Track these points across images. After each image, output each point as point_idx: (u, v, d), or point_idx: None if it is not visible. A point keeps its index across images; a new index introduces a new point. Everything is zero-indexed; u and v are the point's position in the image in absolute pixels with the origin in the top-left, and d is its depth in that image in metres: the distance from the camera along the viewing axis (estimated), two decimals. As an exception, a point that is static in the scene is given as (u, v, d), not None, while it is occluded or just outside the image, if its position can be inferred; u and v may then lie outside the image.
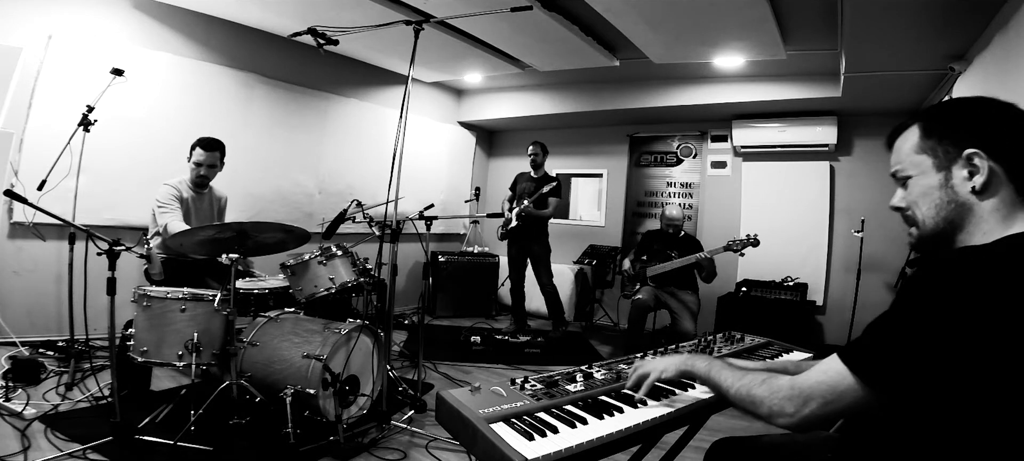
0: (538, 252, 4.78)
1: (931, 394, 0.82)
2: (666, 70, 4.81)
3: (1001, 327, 0.76)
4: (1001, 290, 0.78)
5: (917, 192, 0.96)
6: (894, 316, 0.85)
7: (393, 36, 3.90)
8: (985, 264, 0.82)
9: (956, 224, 0.92)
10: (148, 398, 2.65)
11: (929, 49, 3.33)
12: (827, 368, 0.92)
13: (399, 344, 4.25)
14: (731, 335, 1.86)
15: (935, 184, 0.93)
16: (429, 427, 2.65)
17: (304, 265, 2.83)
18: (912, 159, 0.97)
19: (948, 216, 0.93)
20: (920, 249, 1.00)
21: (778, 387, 0.96)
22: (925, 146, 0.95)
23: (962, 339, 0.78)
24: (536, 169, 4.86)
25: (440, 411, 1.14)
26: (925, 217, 0.95)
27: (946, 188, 0.92)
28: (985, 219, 0.89)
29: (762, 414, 0.97)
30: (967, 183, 0.90)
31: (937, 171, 0.93)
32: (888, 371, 0.84)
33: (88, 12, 3.59)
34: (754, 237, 3.90)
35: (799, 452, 1.22)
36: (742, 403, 1.02)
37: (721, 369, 1.10)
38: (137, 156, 3.77)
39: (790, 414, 0.93)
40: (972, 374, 0.78)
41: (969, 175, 0.90)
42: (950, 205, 0.92)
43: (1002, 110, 0.92)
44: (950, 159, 0.92)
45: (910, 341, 0.82)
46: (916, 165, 0.96)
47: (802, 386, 0.93)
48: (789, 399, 0.93)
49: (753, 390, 1.00)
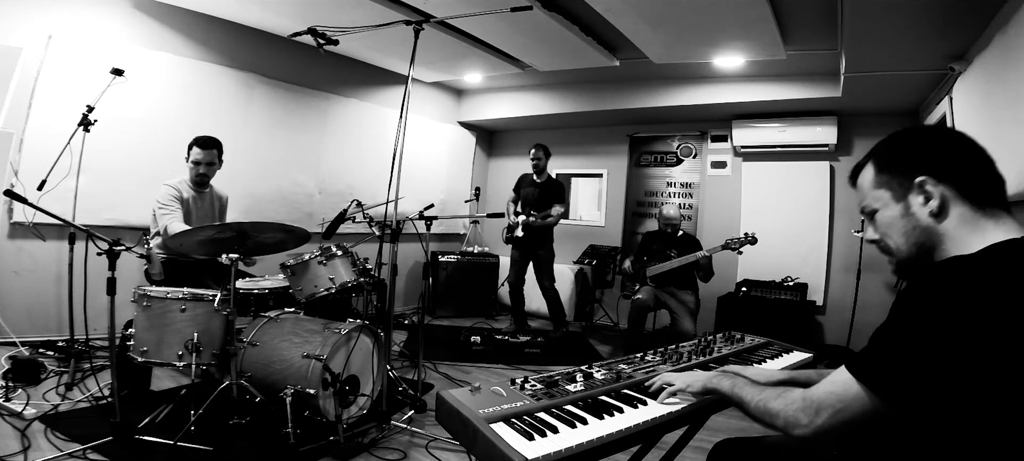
0: (542, 256, 4.76)
1: (937, 399, 0.84)
2: (666, 70, 4.81)
3: (995, 330, 0.78)
4: (992, 294, 0.81)
5: (885, 223, 1.02)
6: (895, 325, 0.88)
7: (393, 36, 3.90)
8: (975, 271, 0.86)
9: (927, 246, 0.97)
10: (148, 398, 2.65)
11: (929, 49, 3.33)
12: (835, 379, 0.95)
13: (399, 344, 4.25)
14: (731, 335, 1.87)
15: (897, 214, 0.99)
16: (429, 427, 2.65)
17: (304, 265, 2.83)
18: (873, 194, 1.03)
19: (917, 240, 0.98)
20: (901, 273, 1.05)
21: (792, 400, 0.99)
22: (881, 180, 1.01)
23: (961, 343, 0.80)
24: (539, 173, 4.82)
25: (440, 411, 1.14)
26: (898, 245, 1.01)
27: (908, 216, 0.98)
28: (952, 236, 0.94)
29: (779, 426, 1.01)
30: (924, 208, 0.95)
31: (896, 202, 0.99)
32: (894, 379, 0.87)
33: (88, 12, 3.59)
34: (752, 235, 3.90)
35: (802, 452, 1.23)
36: (761, 417, 1.06)
37: (743, 386, 1.14)
38: (137, 156, 3.77)
39: (804, 425, 0.96)
40: (973, 376, 0.80)
41: (924, 200, 0.95)
42: (916, 230, 0.97)
43: (941, 136, 0.99)
44: (905, 189, 0.98)
45: (912, 348, 0.84)
46: (878, 199, 1.02)
47: (813, 397, 0.96)
48: (802, 411, 0.97)
49: (769, 404, 1.04)
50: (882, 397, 0.88)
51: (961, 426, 0.83)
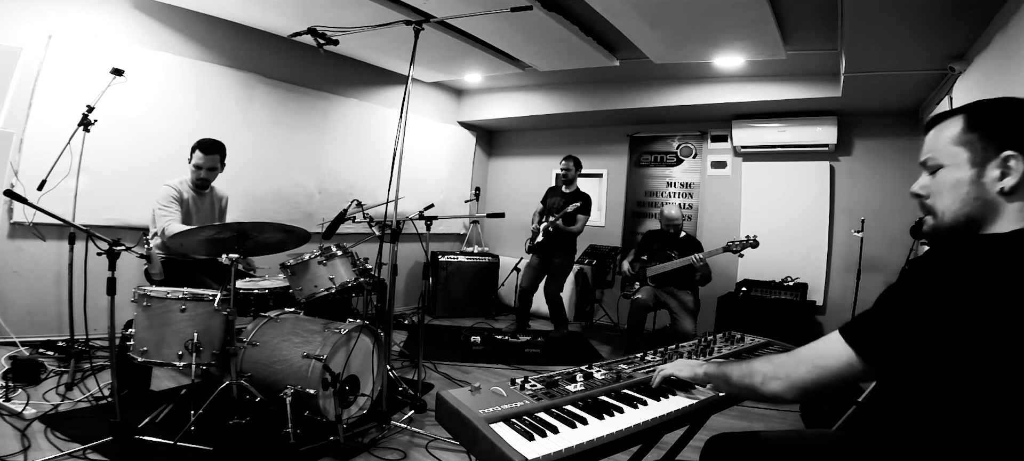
0: (559, 265, 4.74)
1: (922, 370, 0.85)
2: (666, 70, 4.81)
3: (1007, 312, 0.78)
4: (1011, 277, 0.80)
5: (946, 183, 0.97)
6: (899, 293, 0.89)
7: (393, 36, 3.90)
8: (1001, 251, 0.85)
9: (976, 220, 0.93)
10: (148, 398, 2.65)
11: (929, 49, 3.33)
12: (825, 338, 0.98)
13: (399, 344, 4.25)
14: (731, 335, 1.87)
15: (966, 178, 0.94)
16: (429, 427, 2.65)
17: (304, 265, 2.83)
18: (948, 150, 0.97)
19: (971, 211, 0.94)
20: (933, 238, 1.01)
21: (775, 358, 1.03)
22: (965, 139, 0.95)
23: (964, 320, 0.80)
24: (568, 185, 4.80)
25: (440, 411, 1.14)
26: (945, 209, 0.96)
27: (977, 184, 0.93)
28: (1008, 217, 0.91)
29: (757, 383, 1.03)
30: (998, 183, 0.91)
31: (971, 166, 0.94)
32: (881, 346, 0.89)
33: (88, 12, 3.59)
34: (753, 238, 3.90)
35: (797, 448, 1.22)
36: (743, 382, 1.08)
37: (731, 364, 1.16)
38: (137, 156, 3.77)
39: (781, 378, 0.99)
40: (973, 356, 0.80)
41: (1001, 175, 0.91)
42: (976, 201, 0.93)
43: None
44: (987, 157, 0.92)
45: (909, 320, 0.85)
46: (951, 156, 0.96)
47: (798, 352, 1.00)
48: (782, 364, 0.99)
49: (752, 364, 1.07)
50: (868, 362, 0.90)
51: (950, 404, 0.83)
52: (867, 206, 4.69)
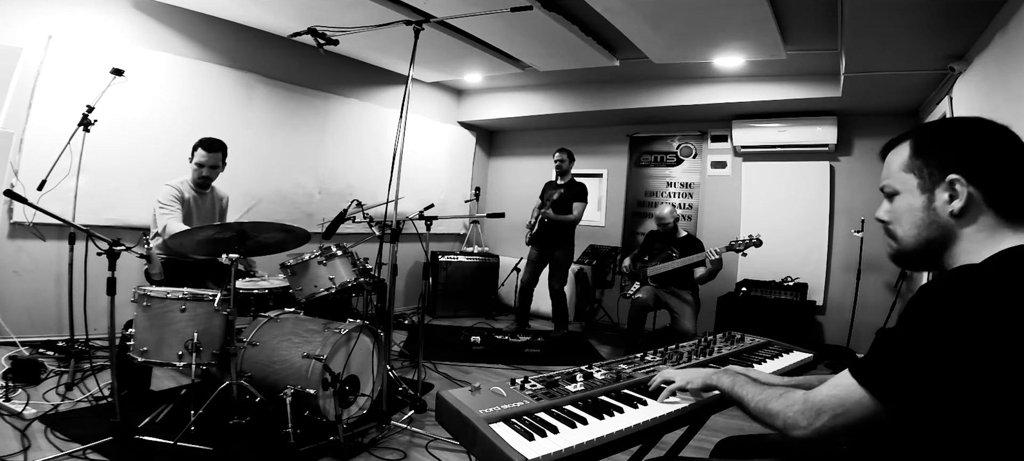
0: (559, 258, 4.75)
1: (940, 408, 0.83)
2: (666, 70, 4.81)
3: (999, 340, 0.78)
4: (997, 303, 0.80)
5: (901, 209, 0.99)
6: (903, 331, 0.87)
7: (393, 36, 3.90)
8: (982, 280, 0.85)
9: (936, 244, 0.95)
10: (148, 398, 2.65)
11: (929, 49, 3.32)
12: (838, 382, 0.94)
13: (399, 344, 4.25)
14: (731, 335, 1.86)
15: (918, 205, 0.96)
16: (429, 427, 2.65)
17: (304, 265, 2.83)
18: (899, 177, 0.99)
19: (928, 236, 0.95)
20: (897, 263, 1.03)
21: (793, 401, 0.98)
22: (913, 165, 0.97)
23: (966, 352, 0.79)
24: (562, 176, 4.83)
25: (440, 411, 1.14)
26: (905, 234, 0.99)
27: (929, 209, 0.95)
28: (967, 239, 0.92)
29: (778, 426, 1.00)
30: (948, 206, 0.92)
31: (921, 192, 0.96)
32: (897, 386, 0.86)
33: (88, 12, 3.59)
34: (757, 238, 3.90)
35: (808, 450, 1.22)
36: (760, 416, 1.05)
37: (744, 385, 1.13)
38: (137, 156, 3.77)
39: (804, 427, 0.95)
40: (978, 385, 0.80)
41: (949, 199, 0.92)
42: (931, 226, 0.95)
43: (991, 135, 0.93)
44: (934, 182, 0.94)
45: (917, 355, 0.83)
46: (903, 182, 0.98)
47: (814, 400, 0.95)
48: (802, 413, 0.95)
49: (770, 404, 1.03)
50: (885, 403, 0.87)
51: (965, 435, 0.82)
52: (867, 206, 4.69)
